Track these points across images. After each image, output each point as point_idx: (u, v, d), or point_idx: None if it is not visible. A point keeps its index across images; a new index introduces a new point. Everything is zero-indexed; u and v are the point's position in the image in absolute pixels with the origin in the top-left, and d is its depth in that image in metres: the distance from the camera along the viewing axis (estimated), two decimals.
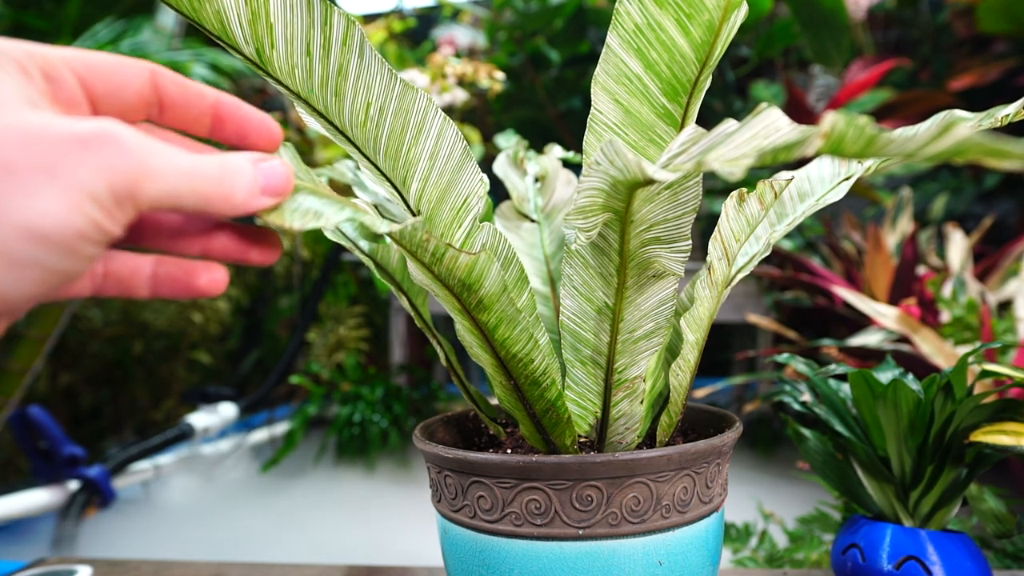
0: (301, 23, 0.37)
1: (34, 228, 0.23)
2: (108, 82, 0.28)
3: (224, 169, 0.27)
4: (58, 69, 0.26)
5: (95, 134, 0.24)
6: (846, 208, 2.07)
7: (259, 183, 0.28)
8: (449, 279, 0.39)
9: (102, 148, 0.23)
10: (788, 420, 0.63)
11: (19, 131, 0.23)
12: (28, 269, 0.23)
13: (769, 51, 2.16)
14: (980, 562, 0.52)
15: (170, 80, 0.29)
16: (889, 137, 0.24)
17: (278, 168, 0.28)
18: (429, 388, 1.99)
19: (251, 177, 0.28)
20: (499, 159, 0.62)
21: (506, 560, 0.43)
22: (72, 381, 2.07)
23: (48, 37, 2.10)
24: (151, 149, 0.25)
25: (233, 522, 1.59)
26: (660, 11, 0.40)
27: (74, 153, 0.23)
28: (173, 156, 0.25)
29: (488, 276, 0.39)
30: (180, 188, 0.25)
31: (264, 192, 0.28)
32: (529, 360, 0.44)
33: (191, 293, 0.29)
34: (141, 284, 0.29)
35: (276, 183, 0.28)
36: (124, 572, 0.70)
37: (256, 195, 0.28)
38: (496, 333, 0.42)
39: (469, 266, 0.38)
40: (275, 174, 0.28)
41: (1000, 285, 1.54)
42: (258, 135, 0.31)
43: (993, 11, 1.98)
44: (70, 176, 0.23)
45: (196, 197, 0.26)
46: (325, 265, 2.05)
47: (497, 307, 0.41)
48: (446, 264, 0.38)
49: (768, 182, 0.43)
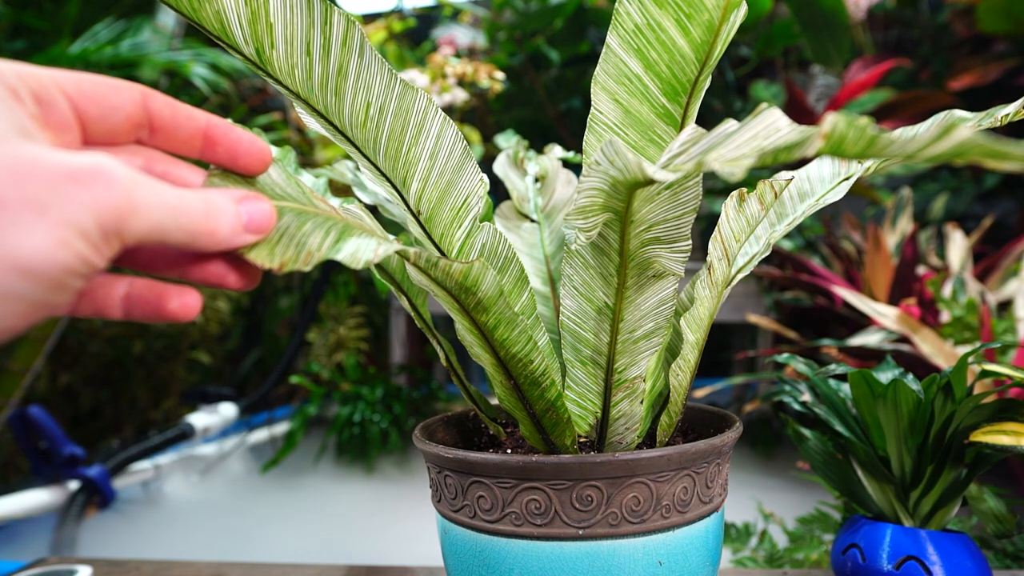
0: (301, 23, 0.37)
1: (22, 263, 0.23)
2: (100, 105, 0.28)
3: (209, 206, 0.27)
4: (49, 92, 0.26)
5: (86, 170, 0.24)
6: (846, 208, 2.07)
7: (242, 220, 0.28)
8: (447, 282, 0.39)
9: (92, 184, 0.24)
10: (788, 420, 0.63)
11: (10, 164, 0.23)
12: (13, 303, 0.23)
13: (769, 51, 2.16)
14: (980, 562, 0.52)
15: (161, 102, 0.29)
16: (889, 138, 0.24)
17: (261, 207, 0.29)
18: (429, 388, 1.99)
19: (234, 215, 0.28)
20: (499, 159, 0.62)
21: (506, 560, 0.43)
22: (72, 381, 2.07)
23: (48, 37, 2.10)
24: (139, 185, 0.25)
25: (233, 522, 1.59)
26: (660, 11, 0.40)
27: (64, 189, 0.23)
28: (160, 192, 0.26)
29: (484, 280, 0.39)
30: (166, 224, 0.26)
31: (247, 229, 0.29)
32: (528, 361, 0.44)
33: (161, 317, 0.29)
34: (114, 305, 0.29)
35: (259, 221, 0.29)
36: (124, 572, 0.70)
37: (239, 232, 0.28)
38: (496, 333, 0.42)
39: (464, 272, 0.38)
40: (258, 212, 0.29)
41: (1000, 285, 1.54)
42: (248, 156, 0.31)
43: (993, 11, 1.98)
44: (59, 212, 0.23)
45: (182, 233, 0.26)
46: (325, 265, 2.05)
47: (495, 309, 0.41)
48: (441, 269, 0.38)
49: (768, 182, 0.43)
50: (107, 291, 0.29)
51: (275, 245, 0.30)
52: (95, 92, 0.28)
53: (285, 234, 0.30)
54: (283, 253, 0.30)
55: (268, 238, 0.30)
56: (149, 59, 1.95)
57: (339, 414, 1.89)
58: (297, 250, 0.30)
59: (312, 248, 0.30)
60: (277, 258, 0.29)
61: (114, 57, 1.88)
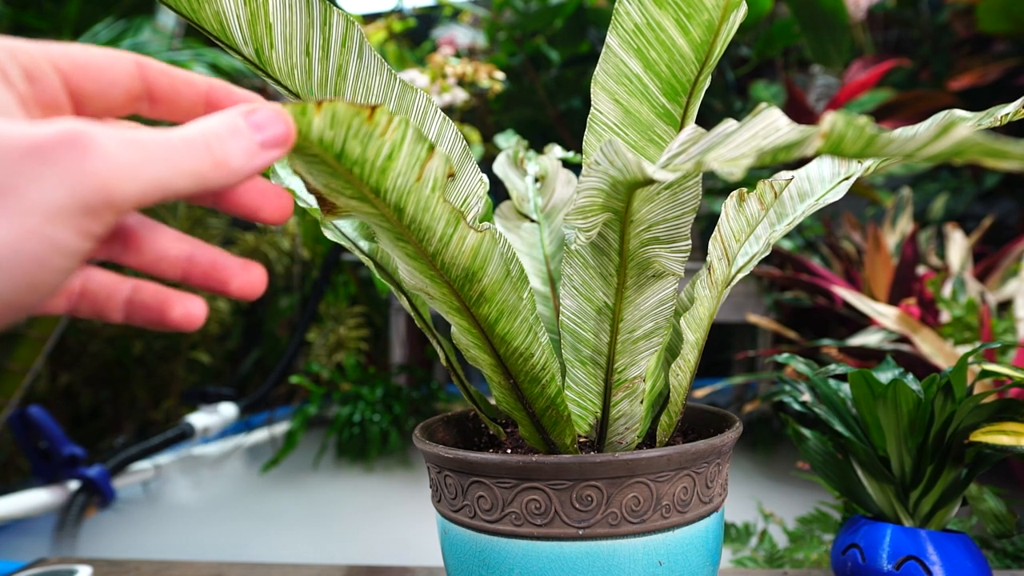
0: (300, 23, 0.37)
1: None
2: (97, 79, 0.26)
3: (208, 135, 0.24)
4: (41, 69, 0.24)
5: (52, 140, 0.21)
6: (846, 208, 2.07)
7: (255, 137, 0.25)
8: (452, 270, 0.39)
9: (64, 155, 0.21)
10: (788, 420, 0.63)
11: None
12: None
13: (769, 51, 2.16)
14: (980, 562, 0.52)
15: (158, 71, 0.27)
16: (889, 137, 0.24)
17: (271, 113, 0.25)
18: (429, 388, 1.99)
19: (244, 134, 0.24)
20: (499, 159, 0.62)
21: (506, 560, 0.43)
22: (72, 381, 2.07)
23: (48, 37, 2.10)
24: (123, 141, 0.22)
25: (233, 522, 1.59)
26: (660, 11, 0.40)
27: (26, 168, 0.20)
28: (148, 141, 0.22)
29: (491, 262, 0.39)
30: (164, 174, 0.22)
31: (265, 146, 0.25)
32: (529, 355, 0.44)
33: (164, 325, 0.27)
34: (116, 308, 0.27)
35: (275, 131, 0.25)
36: (124, 572, 0.70)
37: (256, 152, 0.25)
38: (496, 327, 0.42)
39: (475, 249, 0.38)
40: (270, 120, 0.25)
41: (1000, 285, 1.54)
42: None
43: (993, 11, 1.98)
44: (23, 196, 0.20)
45: (187, 178, 0.23)
46: (325, 265, 2.05)
47: (499, 297, 0.41)
48: (452, 248, 0.37)
49: (768, 182, 0.43)
50: (110, 293, 0.27)
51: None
52: (92, 65, 0.26)
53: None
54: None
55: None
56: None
57: (339, 414, 1.89)
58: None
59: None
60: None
61: None
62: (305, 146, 0.28)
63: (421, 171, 0.32)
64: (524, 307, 0.42)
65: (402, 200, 0.33)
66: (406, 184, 0.32)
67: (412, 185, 0.32)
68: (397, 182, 0.32)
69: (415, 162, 0.32)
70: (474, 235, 0.37)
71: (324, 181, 0.32)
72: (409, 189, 0.33)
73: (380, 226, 0.36)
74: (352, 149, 0.29)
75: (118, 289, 0.27)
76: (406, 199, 0.33)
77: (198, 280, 0.27)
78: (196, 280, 0.27)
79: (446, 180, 0.33)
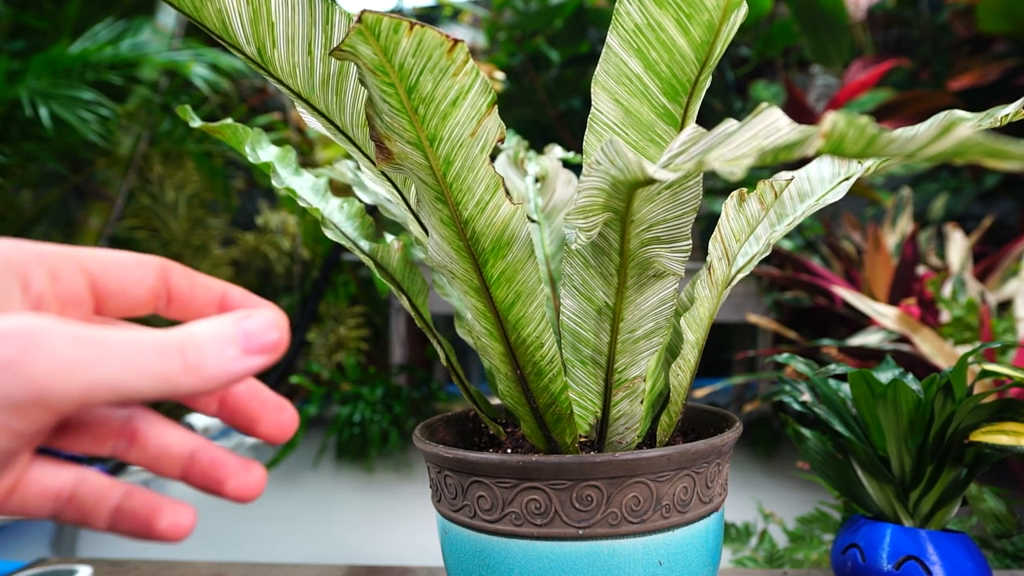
0: (302, 22, 0.37)
1: None
2: (122, 280, 0.26)
3: (185, 338, 0.22)
4: (68, 268, 0.25)
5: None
6: (846, 208, 2.07)
7: (240, 344, 0.23)
8: (481, 239, 0.39)
9: (1, 349, 0.20)
10: (788, 420, 0.63)
11: None
12: None
13: (769, 51, 2.16)
14: (980, 562, 0.52)
15: (180, 273, 0.28)
16: (889, 137, 0.24)
17: (264, 321, 0.24)
18: (429, 388, 1.99)
19: (226, 339, 0.23)
20: (499, 159, 0.62)
21: (506, 560, 0.43)
22: None
23: (48, 37, 2.10)
24: (73, 337, 0.21)
25: (233, 522, 1.59)
26: (660, 11, 0.40)
27: None
28: (107, 340, 0.21)
29: (518, 239, 0.40)
30: (118, 374, 0.21)
31: (249, 352, 0.23)
32: (539, 344, 0.44)
33: (149, 535, 0.25)
34: (102, 516, 0.25)
35: (264, 339, 0.23)
36: (124, 572, 0.70)
37: (236, 358, 0.23)
38: (511, 312, 0.42)
39: (506, 221, 0.39)
40: (261, 328, 0.23)
41: (1000, 285, 1.54)
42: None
43: (993, 11, 1.98)
44: None
45: (149, 380, 0.21)
46: (325, 265, 2.05)
47: (519, 277, 0.42)
48: (487, 216, 0.38)
49: (768, 182, 0.43)
50: (99, 498, 0.25)
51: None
52: (119, 268, 0.26)
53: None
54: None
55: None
56: (149, 59, 1.96)
57: (339, 414, 1.89)
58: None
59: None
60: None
61: (114, 57, 1.88)
62: (386, 69, 0.29)
63: (478, 126, 0.34)
64: (540, 292, 0.42)
65: (453, 152, 0.35)
66: (460, 136, 0.34)
67: (466, 139, 0.34)
68: (454, 132, 0.34)
69: (475, 114, 0.34)
70: (509, 206, 0.38)
71: (388, 120, 0.33)
72: (462, 143, 0.34)
73: (424, 182, 0.37)
74: (424, 85, 0.31)
75: (108, 495, 0.25)
76: (456, 152, 0.35)
77: (196, 479, 0.26)
78: (194, 479, 0.26)
79: (494, 144, 0.35)
